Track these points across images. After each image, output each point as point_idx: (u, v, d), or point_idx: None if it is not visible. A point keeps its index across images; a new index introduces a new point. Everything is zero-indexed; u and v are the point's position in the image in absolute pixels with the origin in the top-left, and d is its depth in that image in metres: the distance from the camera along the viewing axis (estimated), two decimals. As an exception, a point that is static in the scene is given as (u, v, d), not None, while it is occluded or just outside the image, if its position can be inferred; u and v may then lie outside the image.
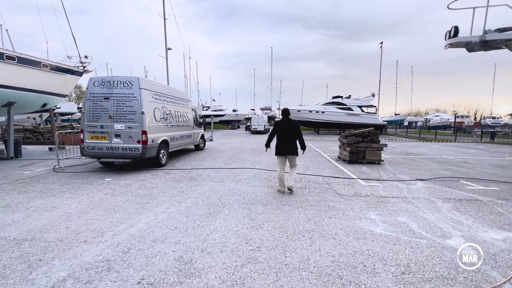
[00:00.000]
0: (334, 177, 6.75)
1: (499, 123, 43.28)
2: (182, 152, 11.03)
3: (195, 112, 11.38)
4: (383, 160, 8.87)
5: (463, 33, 5.68)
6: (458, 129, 40.39)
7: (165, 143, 8.11)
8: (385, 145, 8.93)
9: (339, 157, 9.80)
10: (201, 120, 12.11)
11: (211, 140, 18.84)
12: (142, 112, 6.90)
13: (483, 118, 58.03)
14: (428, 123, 52.65)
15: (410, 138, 23.64)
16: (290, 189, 5.20)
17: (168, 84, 34.82)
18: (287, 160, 5.31)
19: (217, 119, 43.08)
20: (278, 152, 5.26)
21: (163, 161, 7.96)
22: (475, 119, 62.34)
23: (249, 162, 9.01)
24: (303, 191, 5.40)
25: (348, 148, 8.73)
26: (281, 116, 5.49)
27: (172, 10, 49.80)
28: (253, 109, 68.39)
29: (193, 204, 4.47)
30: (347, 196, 5.01)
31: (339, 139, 9.85)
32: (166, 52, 33.51)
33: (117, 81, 6.99)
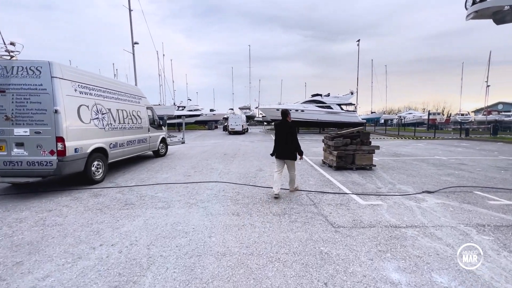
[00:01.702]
0: (321, 192, 5.21)
1: (468, 119, 45.16)
2: (135, 161, 9.00)
3: (152, 111, 9.38)
4: (375, 165, 7.53)
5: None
6: (431, 126, 41.56)
7: (101, 152, 6.11)
8: (377, 147, 7.61)
9: (324, 162, 8.36)
10: (161, 121, 10.11)
11: (183, 143, 16.90)
12: (56, 111, 4.88)
13: (449, 115, 60.86)
14: (402, 121, 54.03)
15: (390, 136, 23.16)
16: (294, 190, 5.12)
17: (135, 83, 32.07)
18: (285, 164, 5.00)
19: (192, 119, 40.67)
20: (275, 155, 5.01)
21: (98, 176, 5.97)
22: (443, 115, 65.25)
23: (216, 172, 7.26)
24: (281, 219, 3.78)
25: (335, 152, 7.29)
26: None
27: (139, 4, 45.67)
28: (232, 109, 66.58)
29: (98, 263, 2.66)
30: (344, 228, 3.45)
31: (323, 141, 8.40)
32: (133, 46, 30.76)
33: (18, 67, 4.91)
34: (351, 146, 7.40)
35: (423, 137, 20.34)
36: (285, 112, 4.99)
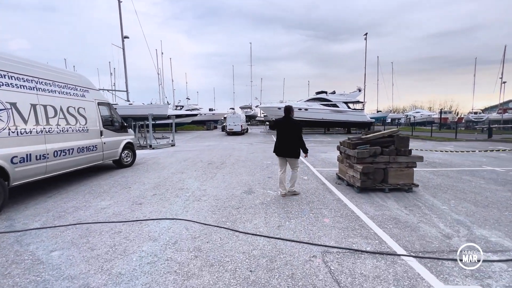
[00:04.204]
0: (349, 249, 2.87)
1: (481, 118, 42.36)
2: (83, 174, 6.73)
3: (108, 108, 7.08)
4: (417, 185, 5.16)
5: None
6: (442, 125, 38.91)
7: (-10, 172, 3.85)
8: (420, 159, 5.23)
9: (339, 177, 6.01)
10: (126, 122, 7.83)
11: (173, 145, 14.81)
12: None
13: (456, 113, 58.07)
14: (411, 120, 51.30)
15: (405, 137, 20.67)
16: (291, 193, 4.73)
17: (126, 80, 29.82)
18: (287, 162, 4.74)
19: (189, 119, 38.37)
20: (276, 153, 4.74)
21: (-17, 210, 3.70)
22: (456, 114, 62.33)
23: (185, 195, 4.96)
24: None
25: (359, 166, 4.93)
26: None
27: (133, 4, 42.95)
28: (233, 108, 64.49)
29: None
30: None
31: (339, 148, 6.05)
32: (123, 40, 28.85)
33: None
34: (381, 157, 5.05)
35: (439, 138, 17.83)
36: (289, 109, 4.73)
